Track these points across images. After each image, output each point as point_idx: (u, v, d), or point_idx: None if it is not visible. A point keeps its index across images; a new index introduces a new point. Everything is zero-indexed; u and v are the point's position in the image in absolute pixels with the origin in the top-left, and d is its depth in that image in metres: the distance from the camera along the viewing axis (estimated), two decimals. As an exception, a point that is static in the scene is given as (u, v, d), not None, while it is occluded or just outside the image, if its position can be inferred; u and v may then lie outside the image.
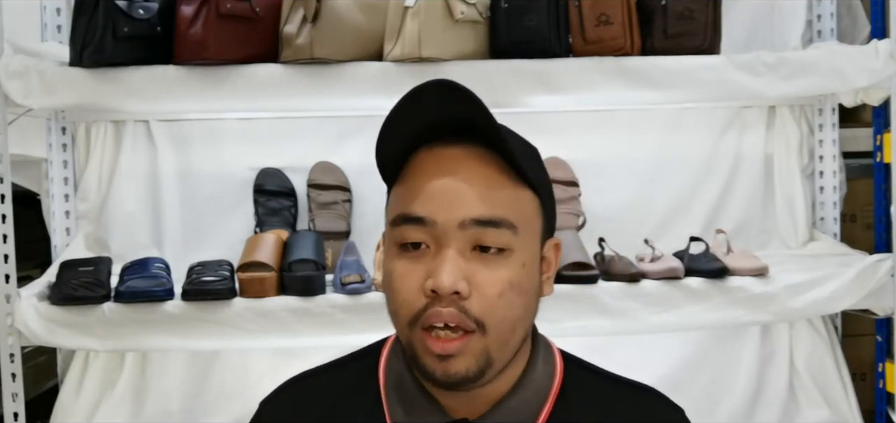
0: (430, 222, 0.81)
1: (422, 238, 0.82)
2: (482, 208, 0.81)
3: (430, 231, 0.81)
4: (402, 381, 0.88)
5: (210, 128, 2.09)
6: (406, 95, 0.83)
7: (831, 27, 2.10)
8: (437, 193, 0.81)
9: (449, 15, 1.76)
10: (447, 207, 0.81)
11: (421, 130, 0.84)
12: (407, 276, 0.82)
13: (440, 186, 0.82)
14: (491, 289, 0.80)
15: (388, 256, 0.85)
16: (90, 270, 1.75)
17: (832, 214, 2.13)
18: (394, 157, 0.86)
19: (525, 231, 0.84)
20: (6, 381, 1.73)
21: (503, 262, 0.81)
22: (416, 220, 0.82)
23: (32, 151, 2.02)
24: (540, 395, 0.87)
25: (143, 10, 1.73)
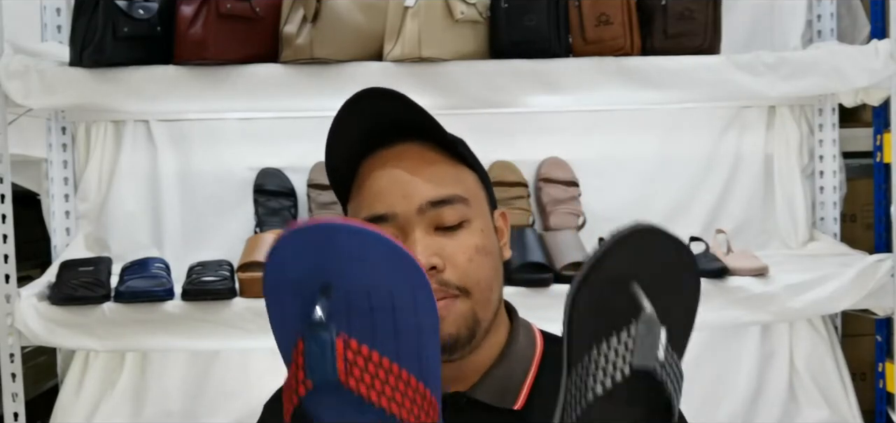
0: (391, 216, 0.87)
1: (389, 234, 0.83)
2: (434, 191, 0.88)
3: (394, 224, 0.88)
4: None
5: (210, 128, 2.09)
6: (342, 107, 0.90)
7: (831, 27, 2.10)
8: (392, 189, 0.88)
9: (449, 15, 1.76)
10: (403, 198, 0.88)
11: (362, 137, 0.91)
12: None
13: (392, 182, 0.89)
14: (461, 257, 0.87)
15: None
16: (90, 270, 1.75)
17: (832, 214, 2.13)
18: (342, 171, 0.94)
19: (475, 203, 0.92)
20: (6, 381, 1.73)
21: (465, 232, 0.89)
22: (379, 219, 0.88)
23: (32, 151, 2.02)
24: (524, 364, 0.93)
25: (143, 10, 1.73)
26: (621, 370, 0.63)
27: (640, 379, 0.64)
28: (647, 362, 0.63)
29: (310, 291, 0.64)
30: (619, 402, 0.64)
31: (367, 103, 0.90)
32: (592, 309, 0.66)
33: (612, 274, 0.68)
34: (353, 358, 0.62)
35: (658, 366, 0.64)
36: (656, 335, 0.65)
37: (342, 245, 0.66)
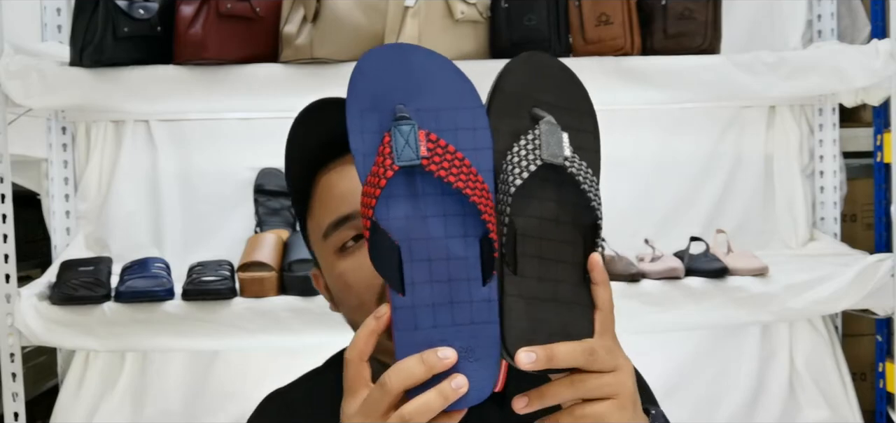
0: (356, 214, 0.88)
1: (357, 232, 0.89)
2: None
3: (359, 222, 0.87)
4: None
5: (210, 128, 2.09)
6: (296, 121, 0.93)
7: (831, 27, 2.10)
8: (353, 189, 0.87)
9: (449, 15, 1.77)
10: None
11: (317, 148, 0.93)
12: (359, 266, 0.87)
13: (352, 183, 0.87)
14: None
15: (330, 265, 0.91)
16: (90, 270, 1.75)
17: (832, 214, 2.13)
18: (299, 186, 0.95)
19: None
20: (6, 381, 1.73)
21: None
22: (344, 219, 0.89)
23: (32, 151, 2.02)
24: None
25: (143, 10, 1.73)
26: (534, 162, 0.73)
27: (555, 177, 0.75)
28: (554, 154, 0.74)
29: (388, 103, 0.73)
30: (537, 190, 0.75)
31: (319, 114, 0.92)
32: (502, 127, 0.77)
33: (514, 94, 0.78)
34: (433, 147, 0.72)
35: (566, 161, 0.74)
36: (559, 135, 0.75)
37: (417, 65, 0.75)
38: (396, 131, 0.72)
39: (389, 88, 0.74)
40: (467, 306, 0.72)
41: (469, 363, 0.71)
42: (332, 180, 0.92)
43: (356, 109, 0.74)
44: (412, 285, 0.72)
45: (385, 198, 0.72)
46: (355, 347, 0.73)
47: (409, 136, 0.72)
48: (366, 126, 0.74)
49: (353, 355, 0.73)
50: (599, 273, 0.76)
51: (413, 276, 0.72)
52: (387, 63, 0.75)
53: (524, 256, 0.75)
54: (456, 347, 0.71)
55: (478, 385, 0.71)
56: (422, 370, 0.69)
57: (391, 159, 0.71)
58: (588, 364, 0.72)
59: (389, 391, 0.69)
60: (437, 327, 0.72)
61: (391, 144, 0.71)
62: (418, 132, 0.72)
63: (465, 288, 0.73)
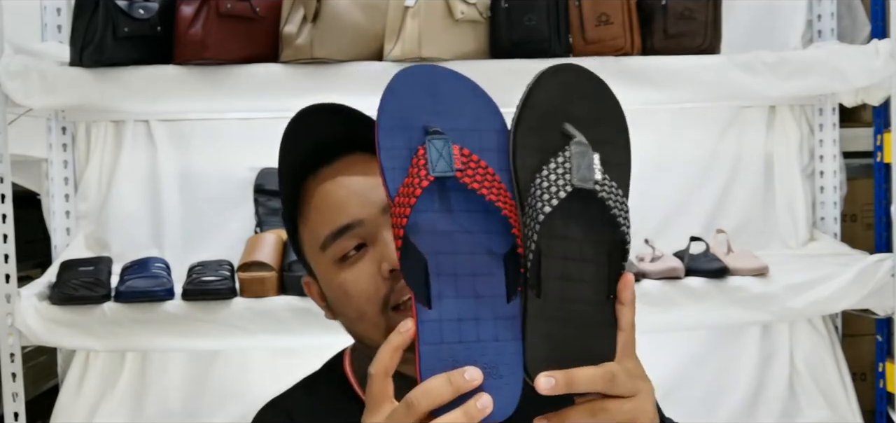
0: (357, 223, 0.88)
1: (358, 241, 0.89)
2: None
3: (360, 231, 0.88)
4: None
5: (210, 128, 2.09)
6: (288, 128, 0.93)
7: (831, 27, 2.10)
8: (350, 198, 0.89)
9: (449, 15, 1.76)
10: (364, 203, 0.88)
11: (308, 155, 0.92)
12: (360, 276, 0.88)
13: (348, 191, 0.89)
14: None
15: (330, 275, 0.91)
16: (90, 269, 1.75)
17: (832, 213, 2.13)
18: (292, 187, 0.94)
19: None
20: (6, 381, 1.73)
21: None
22: (344, 229, 0.88)
23: (32, 151, 2.02)
24: None
25: (143, 10, 1.73)
26: (564, 187, 0.72)
27: (583, 198, 0.73)
28: (584, 179, 0.72)
29: (417, 122, 0.76)
30: (568, 218, 0.74)
31: (311, 119, 0.91)
32: (531, 143, 0.76)
33: (543, 109, 0.77)
34: (466, 160, 0.74)
35: (596, 185, 0.73)
36: (590, 158, 0.74)
37: (445, 87, 0.78)
38: (431, 145, 0.74)
39: (418, 108, 0.76)
40: (492, 323, 0.73)
41: (493, 380, 0.71)
42: (327, 189, 0.92)
43: (386, 126, 0.75)
44: (440, 298, 0.73)
45: (416, 211, 0.73)
46: (380, 362, 0.73)
47: (443, 149, 0.73)
48: (395, 143, 0.75)
49: (378, 370, 0.73)
50: (628, 293, 0.76)
51: (441, 290, 0.73)
52: (416, 84, 0.77)
53: (548, 277, 0.74)
54: (481, 364, 0.71)
55: (501, 404, 0.71)
56: (449, 390, 0.69)
57: (426, 171, 0.72)
58: (608, 389, 0.72)
59: (415, 411, 0.69)
60: (462, 343, 0.72)
61: (426, 156, 0.73)
62: (452, 146, 0.74)
63: (491, 305, 0.73)
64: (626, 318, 0.76)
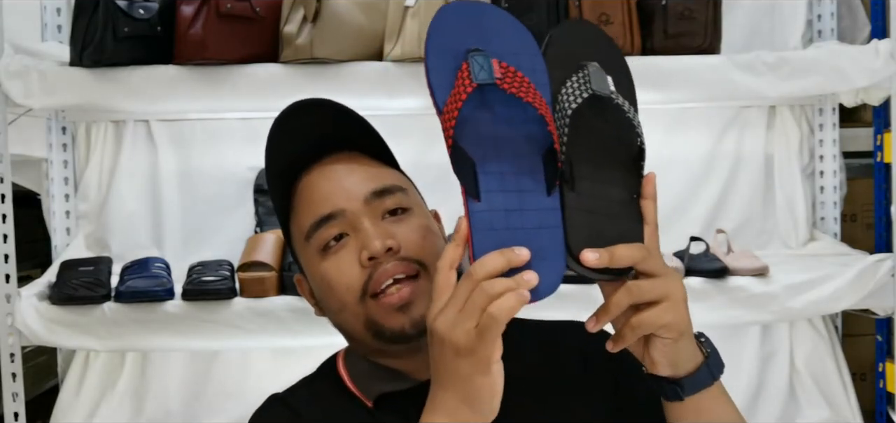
0: (339, 213, 0.91)
1: (341, 231, 0.91)
2: (375, 183, 0.93)
3: (343, 221, 0.91)
4: (365, 369, 0.96)
5: (210, 128, 2.09)
6: (275, 122, 0.94)
7: (831, 27, 2.10)
8: (333, 189, 0.92)
9: (449, 15, 1.76)
10: (347, 194, 0.92)
11: (298, 153, 0.95)
12: (341, 265, 0.90)
13: (332, 183, 0.93)
14: (414, 235, 0.91)
15: (314, 266, 0.93)
16: (90, 270, 1.75)
17: (832, 214, 2.13)
18: (282, 186, 0.96)
19: (412, 194, 0.97)
20: (6, 381, 1.73)
21: (411, 215, 0.93)
22: (327, 219, 0.91)
23: (32, 151, 2.02)
24: None
25: (143, 10, 1.73)
26: (585, 92, 0.83)
27: (602, 107, 0.84)
28: (601, 88, 0.83)
29: (461, 46, 0.83)
30: (589, 119, 0.85)
31: (300, 117, 0.93)
32: (558, 61, 0.87)
33: (560, 51, 0.89)
34: (505, 71, 0.81)
35: (611, 93, 0.84)
36: (604, 76, 0.85)
37: (485, 18, 0.87)
38: (472, 60, 0.81)
39: (461, 35, 0.84)
40: (535, 213, 0.81)
41: (539, 261, 0.78)
42: (313, 181, 0.94)
43: (434, 48, 0.84)
44: (488, 192, 0.80)
45: (463, 116, 0.80)
46: (446, 256, 0.78)
47: (484, 63, 0.81)
48: (442, 63, 0.83)
49: (444, 263, 0.78)
50: (652, 188, 0.85)
51: (488, 185, 0.80)
52: (461, 14, 0.86)
53: (580, 177, 0.83)
54: (526, 247, 0.78)
55: (547, 281, 0.78)
56: (502, 261, 0.75)
57: (470, 79, 0.79)
58: (644, 262, 0.80)
59: (474, 279, 0.75)
60: (509, 229, 0.79)
61: (469, 68, 0.80)
62: (491, 60, 0.81)
63: (534, 197, 0.81)
64: (650, 212, 0.84)
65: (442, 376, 0.78)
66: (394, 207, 0.93)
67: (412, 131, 2.07)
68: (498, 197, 0.80)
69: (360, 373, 0.97)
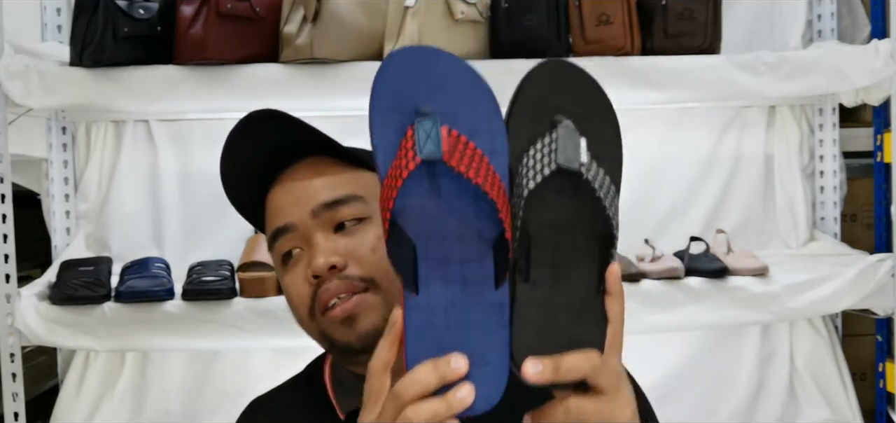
0: (291, 226, 0.89)
1: (293, 244, 0.90)
2: (328, 193, 0.89)
3: (295, 235, 0.89)
4: (345, 378, 0.95)
5: (210, 128, 2.08)
6: (228, 139, 0.95)
7: (831, 27, 2.10)
8: (288, 201, 0.90)
9: (449, 15, 1.77)
10: (298, 206, 0.89)
11: (261, 167, 0.93)
12: (294, 280, 0.90)
13: (288, 194, 0.91)
14: (363, 250, 0.87)
15: (280, 277, 0.94)
16: (90, 269, 1.75)
17: (832, 213, 2.13)
18: (251, 200, 0.96)
19: (374, 200, 0.88)
20: (6, 381, 1.73)
21: (365, 227, 0.89)
22: (281, 231, 0.90)
23: (32, 151, 2.02)
24: None
25: (143, 10, 1.73)
26: (548, 166, 0.71)
27: (571, 182, 0.72)
28: (570, 160, 0.71)
29: (410, 102, 0.73)
30: (553, 196, 0.72)
31: (256, 128, 0.92)
32: (522, 130, 0.76)
33: (534, 100, 0.78)
34: (454, 143, 0.71)
35: (581, 167, 0.71)
36: (576, 141, 0.72)
37: (439, 68, 0.75)
38: (419, 126, 0.71)
39: (411, 88, 0.74)
40: (480, 309, 0.71)
41: (479, 368, 0.70)
42: (275, 194, 0.93)
43: (379, 106, 0.74)
44: (427, 284, 0.72)
45: (404, 194, 0.71)
46: (378, 357, 0.72)
47: (431, 131, 0.71)
48: (387, 122, 0.73)
49: (376, 365, 0.72)
50: (615, 284, 0.73)
51: (429, 275, 0.72)
52: (410, 64, 0.75)
53: (537, 263, 0.72)
54: (467, 350, 0.70)
55: (485, 393, 0.70)
56: (434, 378, 0.68)
57: (414, 152, 0.70)
58: (591, 377, 0.70)
59: (401, 401, 0.69)
60: (448, 327, 0.71)
61: (414, 137, 0.70)
62: (440, 128, 0.71)
63: (479, 290, 0.72)
64: (614, 310, 0.72)
65: None
66: (349, 217, 0.89)
67: (412, 131, 2.08)
68: (438, 289, 0.71)
69: (341, 381, 0.96)
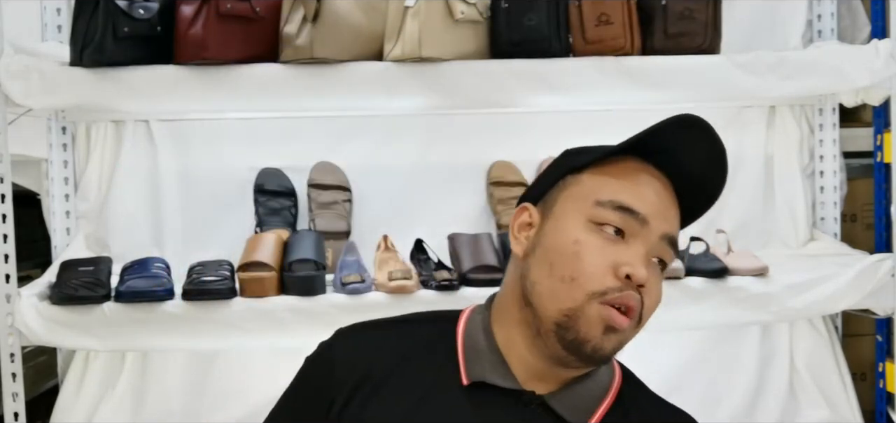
0: (642, 219, 0.91)
1: (625, 227, 0.91)
2: (676, 231, 0.95)
3: (636, 226, 0.91)
4: (481, 345, 0.96)
5: (210, 128, 2.09)
6: (670, 122, 0.92)
7: (831, 27, 2.10)
8: (655, 201, 0.92)
9: (449, 15, 1.76)
10: (661, 215, 0.92)
11: (659, 152, 0.94)
12: (600, 253, 0.90)
13: (658, 196, 0.93)
14: (655, 296, 0.92)
15: (572, 225, 0.92)
16: (90, 269, 1.75)
17: (832, 214, 2.13)
18: (611, 151, 0.96)
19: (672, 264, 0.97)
20: (6, 381, 1.73)
21: (660, 277, 0.94)
22: (632, 212, 0.91)
23: (32, 151, 2.02)
24: (601, 389, 0.97)
25: (143, 10, 1.73)
26: None
27: None
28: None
29: None
30: None
31: (695, 131, 0.92)
32: None
33: None
34: None
35: None
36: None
37: None
38: None
39: None
40: None
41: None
42: (637, 175, 0.95)
43: None
44: None
45: None
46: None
47: None
48: None
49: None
50: None
51: None
52: None
53: None
54: None
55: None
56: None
57: None
58: None
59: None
60: None
61: None
62: None
63: None
64: None
65: None
66: (665, 258, 0.94)
67: (412, 131, 2.08)
68: None
69: (474, 345, 0.96)
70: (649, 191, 0.93)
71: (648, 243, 0.91)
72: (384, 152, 2.08)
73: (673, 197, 0.95)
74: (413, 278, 1.72)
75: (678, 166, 0.94)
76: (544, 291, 0.91)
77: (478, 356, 0.95)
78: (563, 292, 0.89)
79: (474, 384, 0.94)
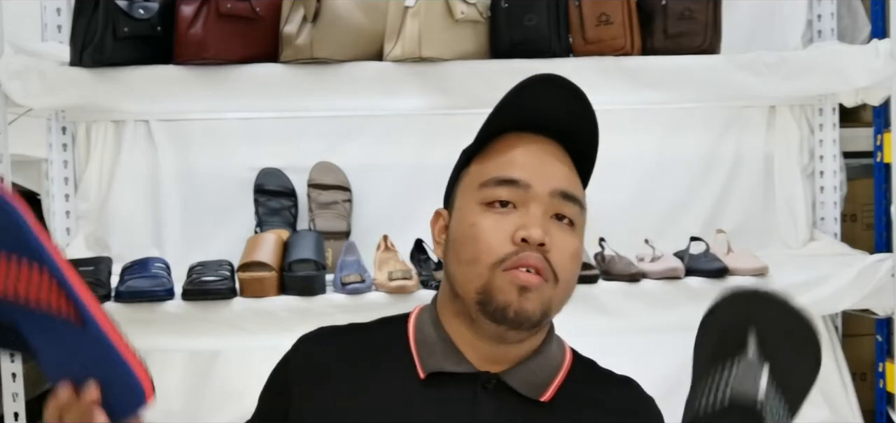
0: (524, 185, 0.94)
1: (511, 198, 0.94)
2: (568, 184, 0.96)
3: (520, 193, 0.94)
4: (431, 337, 0.99)
5: (210, 128, 2.09)
6: (525, 84, 0.96)
7: (831, 27, 2.10)
8: (532, 164, 0.95)
9: (449, 15, 1.77)
10: (541, 175, 0.94)
11: (527, 117, 0.97)
12: (495, 227, 0.93)
13: (534, 158, 0.96)
14: (565, 250, 0.94)
15: (467, 212, 0.97)
16: (90, 269, 1.75)
17: (832, 214, 2.13)
18: (487, 134, 0.99)
19: (583, 217, 0.99)
20: (6, 381, 1.74)
21: (572, 232, 0.96)
22: (511, 182, 0.94)
23: (32, 151, 2.02)
24: (553, 367, 1.00)
25: (143, 10, 1.73)
26: (725, 393, 0.73)
27: (743, 411, 0.72)
28: (746, 392, 0.72)
29: None
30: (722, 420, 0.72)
31: (552, 88, 0.96)
32: (711, 345, 0.78)
33: (729, 319, 0.80)
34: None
35: (757, 402, 0.71)
36: (757, 373, 0.73)
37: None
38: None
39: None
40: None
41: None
42: (514, 144, 0.98)
43: None
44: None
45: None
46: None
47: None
48: None
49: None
50: None
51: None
52: None
53: None
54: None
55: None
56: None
57: None
58: None
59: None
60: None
61: None
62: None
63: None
64: None
65: None
66: (566, 215, 0.95)
67: (412, 131, 2.08)
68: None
69: (426, 339, 0.99)
70: (526, 157, 0.96)
71: (542, 203, 0.94)
72: (384, 152, 2.08)
73: (559, 154, 0.98)
74: (413, 278, 1.73)
75: (551, 124, 0.97)
76: (460, 277, 0.95)
77: (430, 348, 0.98)
78: (472, 273, 0.93)
79: (431, 376, 0.96)
